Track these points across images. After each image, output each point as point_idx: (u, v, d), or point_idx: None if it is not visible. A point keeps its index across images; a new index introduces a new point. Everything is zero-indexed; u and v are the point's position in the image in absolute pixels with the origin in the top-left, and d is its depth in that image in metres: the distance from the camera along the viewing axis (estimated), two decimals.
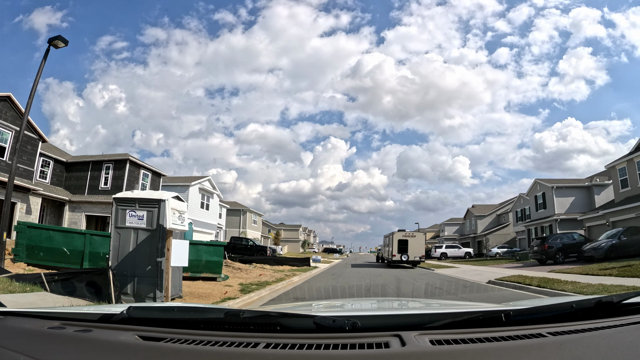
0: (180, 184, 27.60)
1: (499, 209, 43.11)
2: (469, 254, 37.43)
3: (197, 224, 28.98)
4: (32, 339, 1.09)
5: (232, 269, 14.05)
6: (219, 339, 1.04)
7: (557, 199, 28.31)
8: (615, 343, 1.03)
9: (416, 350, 0.97)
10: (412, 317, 1.31)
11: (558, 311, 1.25)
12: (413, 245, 23.75)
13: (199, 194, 27.33)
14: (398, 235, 23.89)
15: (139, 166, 22.87)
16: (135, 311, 1.17)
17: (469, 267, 21.21)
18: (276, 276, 12.72)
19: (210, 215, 31.61)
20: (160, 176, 24.78)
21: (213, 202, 30.68)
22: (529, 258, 20.65)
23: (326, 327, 1.08)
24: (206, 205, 28.24)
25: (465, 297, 7.91)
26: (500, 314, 1.16)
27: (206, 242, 11.66)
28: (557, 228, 26.70)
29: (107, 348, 1.02)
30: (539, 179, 28.83)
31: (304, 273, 14.99)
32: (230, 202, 40.47)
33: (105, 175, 22.64)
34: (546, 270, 13.54)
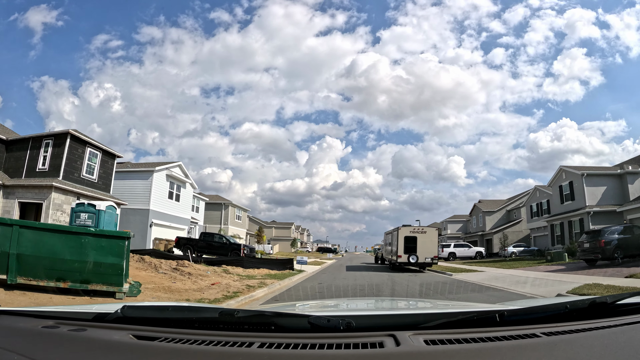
0: (142, 169, 22.04)
1: (509, 204, 39.48)
2: (480, 253, 35.04)
3: (164, 217, 26.11)
4: (26, 338, 1.09)
5: (178, 273, 11.63)
6: (214, 339, 1.05)
7: (587, 188, 25.27)
8: (609, 343, 1.05)
9: (411, 350, 0.99)
10: (406, 317, 1.34)
11: (552, 311, 1.27)
12: (423, 243, 20.04)
13: (167, 182, 22.31)
14: (404, 232, 20.21)
15: (85, 143, 19.99)
16: (129, 310, 1.18)
17: (496, 270, 18.62)
18: (236, 287, 10.10)
19: (181, 208, 28.50)
20: (114, 157, 22.04)
21: (185, 193, 29.07)
22: (577, 257, 17.96)
23: (321, 327, 1.09)
24: (176, 195, 23.29)
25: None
26: (495, 314, 1.18)
27: (94, 231, 6.08)
28: (590, 222, 24.06)
29: (101, 347, 1.02)
30: (564, 166, 24.50)
31: (279, 281, 12.16)
32: (211, 196, 35.65)
33: (44, 154, 19.34)
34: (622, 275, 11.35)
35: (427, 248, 19.16)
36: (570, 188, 25.51)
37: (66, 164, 18.10)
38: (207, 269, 13.57)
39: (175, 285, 9.23)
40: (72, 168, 18.54)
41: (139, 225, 23.45)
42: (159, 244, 23.82)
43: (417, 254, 19.08)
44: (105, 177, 20.36)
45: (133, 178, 24.18)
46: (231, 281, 10.88)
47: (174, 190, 25.71)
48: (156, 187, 23.87)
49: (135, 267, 11.29)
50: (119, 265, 6.69)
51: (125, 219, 23.10)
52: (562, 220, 25.93)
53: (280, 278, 12.50)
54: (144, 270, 11.17)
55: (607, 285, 8.83)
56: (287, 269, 16.17)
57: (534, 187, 34.72)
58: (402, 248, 19.16)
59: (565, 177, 26.21)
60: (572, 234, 24.41)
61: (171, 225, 25.12)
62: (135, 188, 23.83)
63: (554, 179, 27.34)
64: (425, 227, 19.89)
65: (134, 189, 23.83)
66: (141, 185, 23.70)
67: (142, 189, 23.62)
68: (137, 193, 23.71)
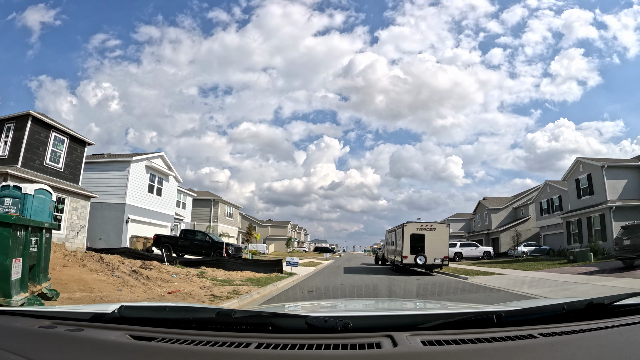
0: (118, 159, 19.33)
1: (515, 201, 37.62)
2: (488, 253, 33.61)
3: (143, 212, 24.28)
4: (23, 338, 1.11)
5: (135, 277, 9.77)
6: (211, 339, 1.07)
7: (608, 181, 23.65)
8: (606, 344, 1.07)
9: (408, 351, 1.01)
10: (404, 317, 1.36)
11: (550, 312, 1.30)
12: (432, 241, 18.02)
13: (146, 173, 19.90)
14: (411, 229, 18.27)
15: (49, 127, 18.08)
16: (126, 310, 1.20)
17: (517, 272, 16.93)
18: (197, 297, 8.34)
19: (164, 203, 26.60)
20: (84, 145, 20.18)
21: (168, 187, 27.48)
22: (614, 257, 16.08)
23: (318, 328, 1.11)
24: (157, 189, 20.88)
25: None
26: (492, 315, 1.21)
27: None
28: (612, 218, 22.54)
29: (98, 347, 1.04)
30: (581, 158, 22.55)
31: (259, 289, 10.05)
32: (200, 192, 33.14)
33: (5, 139, 17.51)
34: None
35: (437, 247, 17.50)
36: (589, 181, 23.55)
37: (26, 149, 16.67)
38: (179, 271, 12.35)
39: (119, 294, 7.83)
40: (33, 155, 17.13)
41: (114, 221, 21.05)
42: (137, 242, 21.36)
43: (425, 254, 17.48)
44: (73, 167, 18.20)
45: (108, 169, 21.83)
46: (197, 288, 9.35)
47: (155, 183, 23.42)
48: (134, 179, 21.61)
49: (90, 268, 10.20)
50: (3, 266, 4.25)
51: (99, 214, 21.88)
52: (579, 217, 23.95)
53: (262, 284, 10.68)
54: (96, 273, 9.82)
55: None
56: (275, 271, 14.88)
57: (544, 183, 33.09)
58: (408, 247, 17.57)
59: (582, 170, 24.16)
60: (592, 231, 22.34)
61: (151, 221, 22.82)
62: (111, 180, 21.52)
63: (570, 172, 25.27)
64: (434, 223, 17.72)
65: (110, 182, 21.52)
66: (117, 177, 21.38)
67: (118, 181, 21.31)
68: (112, 186, 21.39)
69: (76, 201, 18.92)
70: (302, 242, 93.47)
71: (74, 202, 18.73)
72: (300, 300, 9.05)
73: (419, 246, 17.41)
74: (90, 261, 11.31)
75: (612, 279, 11.27)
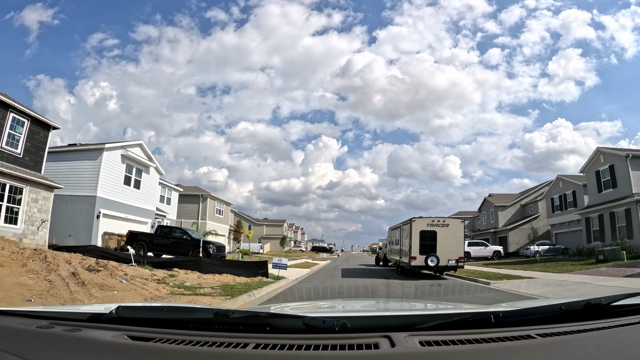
0: (90, 147, 16.80)
1: (523, 198, 35.44)
2: (498, 253, 31.97)
3: (118, 207, 22.38)
4: (20, 338, 1.13)
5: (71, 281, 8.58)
6: (209, 339, 1.09)
7: (633, 172, 21.75)
8: (604, 345, 1.09)
9: (406, 351, 1.02)
10: (401, 318, 1.37)
11: (547, 313, 1.32)
12: (445, 239, 15.94)
13: (122, 164, 17.54)
14: (420, 224, 16.16)
15: (6, 106, 15.92)
16: (124, 311, 1.22)
17: (546, 275, 15.23)
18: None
19: (143, 197, 24.60)
20: (48, 129, 18.10)
21: (148, 179, 25.38)
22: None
23: (316, 328, 1.14)
24: (135, 181, 18.55)
25: None
26: (490, 315, 1.23)
27: None
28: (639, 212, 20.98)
29: (96, 348, 1.06)
30: (602, 147, 21.29)
31: (229, 301, 8.30)
32: (187, 187, 30.76)
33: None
34: None
35: (451, 246, 15.70)
36: (611, 173, 21.82)
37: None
38: (140, 274, 11.03)
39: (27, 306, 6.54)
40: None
41: (84, 216, 18.85)
42: (109, 240, 19.14)
43: (437, 254, 15.60)
44: (34, 153, 16.38)
45: (79, 159, 19.68)
46: (144, 300, 8.15)
47: (133, 174, 21.29)
48: (107, 170, 19.49)
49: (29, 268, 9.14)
50: None
51: (69, 208, 20.28)
52: (600, 212, 22.22)
53: (236, 294, 9.32)
54: (30, 274, 8.71)
55: None
56: (260, 275, 13.36)
57: (556, 177, 31.82)
58: (417, 247, 15.70)
59: (603, 161, 22.30)
60: (616, 228, 20.28)
61: (128, 217, 20.67)
62: (82, 171, 19.38)
63: (589, 163, 23.46)
64: (447, 218, 15.78)
65: (80, 172, 19.40)
66: (88, 167, 19.21)
67: (90, 171, 19.17)
68: (83, 177, 19.27)
69: (37, 192, 16.73)
70: (299, 242, 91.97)
71: (34, 192, 16.57)
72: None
73: (429, 245, 15.73)
74: (35, 260, 10.31)
75: None
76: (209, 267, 13.28)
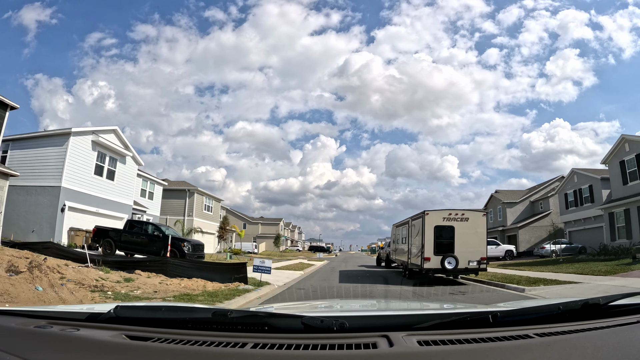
0: (55, 132, 14.12)
1: (532, 194, 33.80)
2: (511, 252, 29.96)
3: (87, 199, 20.08)
4: (18, 337, 1.13)
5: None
6: (207, 339, 1.09)
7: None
8: (601, 345, 1.09)
9: (404, 351, 1.02)
10: (400, 317, 1.38)
11: (545, 313, 1.32)
12: (465, 237, 13.40)
13: (93, 151, 14.90)
14: (435, 218, 13.60)
15: None
16: (122, 310, 1.22)
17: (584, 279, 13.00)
18: None
19: (118, 190, 22.44)
20: (6, 108, 16.00)
21: (124, 170, 23.18)
22: None
23: (314, 328, 1.14)
24: (108, 172, 15.88)
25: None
26: (488, 315, 1.23)
27: None
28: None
29: (94, 347, 1.06)
30: (628, 135, 18.72)
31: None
32: (173, 182, 28.53)
33: None
34: None
35: (471, 245, 13.41)
36: (638, 163, 18.99)
37: None
38: (84, 277, 9.49)
39: None
40: None
41: (47, 209, 16.67)
42: (76, 236, 17.02)
43: (455, 254, 13.30)
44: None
45: (44, 145, 17.51)
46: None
47: (105, 164, 19.08)
48: (75, 158, 17.36)
49: None
50: None
51: (33, 200, 18.49)
52: (627, 207, 20.52)
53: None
54: None
55: None
56: (237, 280, 11.21)
57: (570, 171, 30.55)
58: (431, 245, 13.43)
59: (629, 149, 20.60)
60: None
61: (99, 211, 18.56)
62: (47, 159, 17.22)
63: (612, 153, 21.86)
64: (466, 211, 14.36)
65: (45, 160, 17.26)
66: (54, 154, 16.99)
67: (55, 159, 16.98)
68: (47, 165, 17.09)
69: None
70: (296, 241, 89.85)
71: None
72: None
73: (446, 244, 13.58)
74: None
75: None
76: (177, 270, 11.58)
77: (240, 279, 11.10)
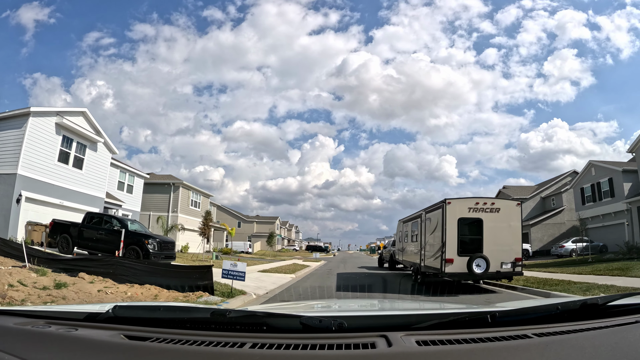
0: (14, 113, 11.44)
1: (542, 190, 36.18)
2: (526, 252, 27.39)
3: (50, 190, 17.66)
4: (16, 337, 1.13)
5: None
6: (205, 339, 1.10)
7: None
8: (600, 345, 1.10)
9: (402, 351, 1.03)
10: (398, 317, 1.40)
11: (544, 312, 1.33)
12: (495, 231, 10.73)
13: (57, 135, 12.44)
14: (459, 208, 10.86)
15: None
16: (120, 310, 1.23)
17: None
18: None
19: (87, 179, 20.10)
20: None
21: (95, 158, 20.77)
22: None
23: (313, 328, 1.16)
24: (75, 159, 13.35)
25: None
26: (486, 315, 1.25)
27: None
28: None
29: (92, 347, 1.06)
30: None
31: None
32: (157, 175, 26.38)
33: None
34: None
35: (504, 242, 10.97)
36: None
37: None
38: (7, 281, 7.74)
39: None
40: None
41: (1, 200, 14.03)
42: (34, 231, 15.08)
43: (484, 254, 10.70)
44: None
45: (1, 128, 14.88)
46: None
47: (72, 150, 17.01)
48: (34, 142, 15.44)
49: None
50: None
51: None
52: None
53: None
54: None
55: None
56: (201, 289, 8.67)
57: (587, 163, 29.12)
58: (454, 244, 10.85)
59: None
60: None
61: (64, 203, 16.64)
62: (3, 143, 14.67)
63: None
64: (496, 200, 11.81)
65: (1, 145, 14.50)
66: (11, 138, 15.03)
67: (12, 143, 14.80)
68: (2, 150, 14.64)
69: None
70: (293, 240, 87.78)
71: None
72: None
73: (473, 241, 11.11)
74: None
75: None
76: (130, 273, 9.38)
77: (205, 286, 8.67)
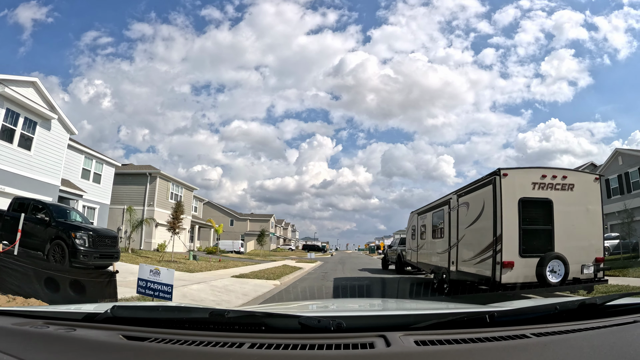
0: None
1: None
2: (607, 249, 26.44)
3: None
4: (15, 338, 1.13)
5: None
6: (204, 339, 1.11)
7: None
8: (598, 344, 1.11)
9: (401, 351, 1.03)
10: (397, 317, 1.40)
11: (542, 312, 1.34)
12: (570, 218, 7.44)
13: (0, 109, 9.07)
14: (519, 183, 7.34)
15: None
16: (119, 310, 1.24)
17: None
18: None
19: (38, 163, 17.26)
20: None
21: (47, 138, 17.94)
22: None
23: (311, 328, 1.16)
24: (22, 137, 10.06)
25: None
26: (485, 315, 1.26)
27: None
28: None
29: (91, 347, 1.07)
30: None
31: None
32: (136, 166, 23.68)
33: None
34: None
35: (581, 234, 7.90)
36: None
37: None
38: None
39: None
40: None
41: None
42: None
43: (558, 251, 7.61)
44: None
45: None
46: None
47: (18, 127, 14.58)
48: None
49: None
50: None
51: None
52: None
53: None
54: None
55: None
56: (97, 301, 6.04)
57: (614, 151, 26.19)
58: (514, 239, 7.59)
59: None
60: None
61: (5, 190, 13.62)
62: None
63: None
64: (567, 170, 8.60)
65: None
66: None
67: None
68: None
69: None
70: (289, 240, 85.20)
71: None
72: None
73: (538, 234, 7.90)
74: None
75: None
76: (14, 280, 5.95)
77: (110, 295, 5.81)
